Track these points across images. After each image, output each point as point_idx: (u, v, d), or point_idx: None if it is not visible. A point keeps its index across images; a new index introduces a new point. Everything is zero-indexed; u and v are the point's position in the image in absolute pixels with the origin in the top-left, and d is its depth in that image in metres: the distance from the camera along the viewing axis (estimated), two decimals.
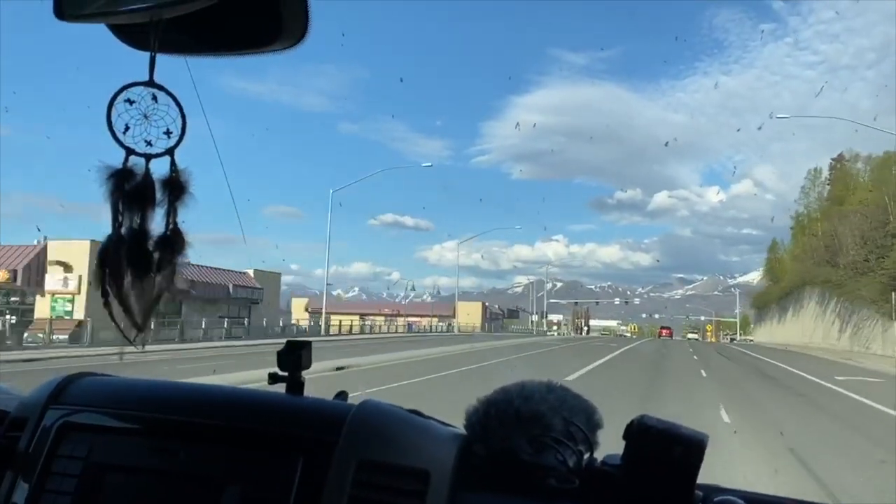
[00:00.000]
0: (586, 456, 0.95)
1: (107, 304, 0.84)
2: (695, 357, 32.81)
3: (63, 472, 1.01)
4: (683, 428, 0.90)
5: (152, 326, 0.87)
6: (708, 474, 0.88)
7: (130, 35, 0.87)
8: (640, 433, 0.89)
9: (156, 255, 0.85)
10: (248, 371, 13.35)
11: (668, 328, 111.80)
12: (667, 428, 0.89)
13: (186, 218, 0.87)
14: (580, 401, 1.01)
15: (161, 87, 0.85)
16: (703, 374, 21.84)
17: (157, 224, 0.85)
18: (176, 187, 0.85)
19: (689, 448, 0.88)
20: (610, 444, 0.99)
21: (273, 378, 1.12)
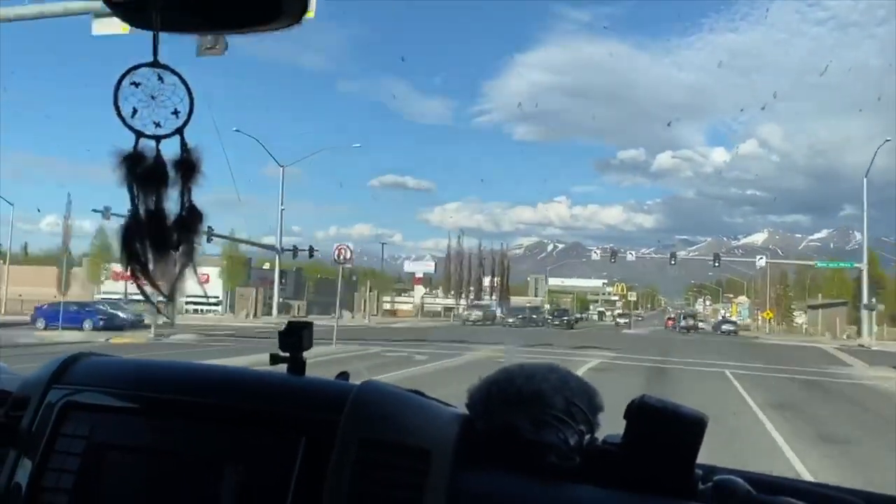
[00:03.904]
0: (587, 437, 0.96)
1: (137, 283, 0.85)
2: None
3: (66, 451, 1.02)
4: (684, 407, 0.91)
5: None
6: None
7: (130, 14, 0.86)
8: (641, 412, 0.91)
9: (174, 234, 0.86)
10: None
11: (673, 318, 75.32)
12: (667, 407, 0.91)
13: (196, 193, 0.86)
14: (582, 383, 1.03)
15: (166, 67, 0.85)
16: None
17: (173, 203, 0.85)
18: (188, 167, 0.85)
19: (690, 427, 0.89)
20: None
21: (274, 359, 1.12)
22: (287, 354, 1.12)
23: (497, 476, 0.93)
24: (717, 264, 54.06)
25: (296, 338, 1.12)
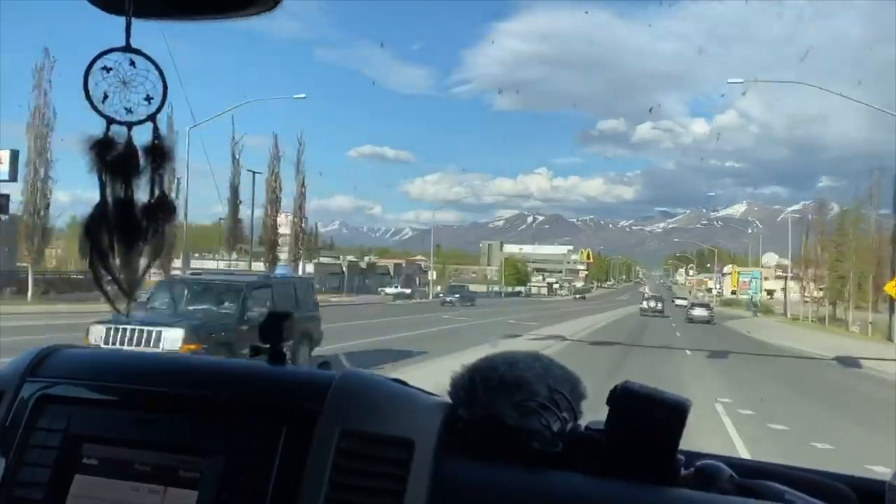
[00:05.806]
0: (570, 423, 0.96)
1: (95, 275, 0.83)
2: None
3: (42, 445, 1.00)
4: (666, 393, 0.92)
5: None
6: None
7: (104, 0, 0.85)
8: (623, 398, 0.91)
9: (143, 224, 0.84)
10: None
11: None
12: (649, 393, 0.91)
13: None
14: (565, 371, 1.03)
15: (139, 52, 0.83)
16: None
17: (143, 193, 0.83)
18: (159, 154, 0.83)
19: (671, 412, 0.90)
20: None
21: (255, 350, 1.11)
22: (268, 345, 1.11)
23: (481, 464, 0.93)
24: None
25: (276, 328, 1.11)
